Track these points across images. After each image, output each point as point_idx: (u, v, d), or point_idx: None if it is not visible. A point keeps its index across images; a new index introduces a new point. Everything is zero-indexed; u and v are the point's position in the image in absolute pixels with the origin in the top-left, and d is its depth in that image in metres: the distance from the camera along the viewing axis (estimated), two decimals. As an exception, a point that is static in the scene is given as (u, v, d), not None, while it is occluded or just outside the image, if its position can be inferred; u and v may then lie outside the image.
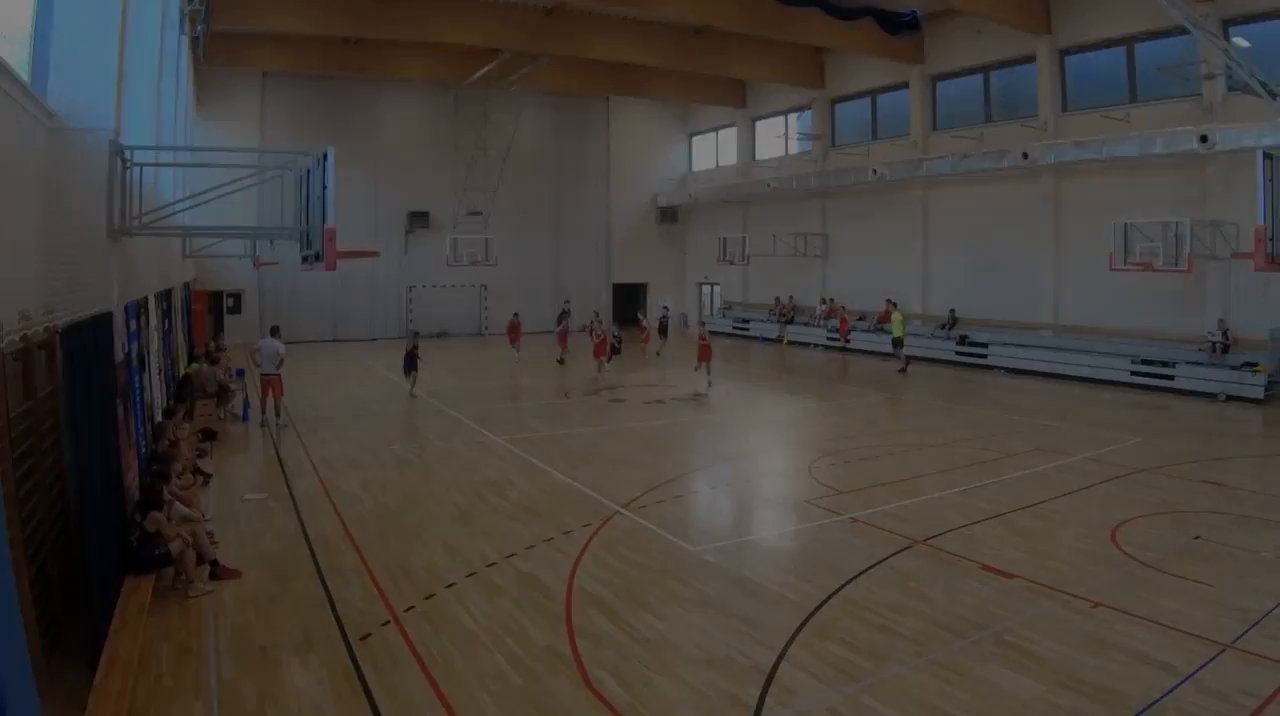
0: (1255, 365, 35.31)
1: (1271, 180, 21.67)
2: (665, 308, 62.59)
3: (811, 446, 27.22)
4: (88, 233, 15.27)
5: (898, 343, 46.15)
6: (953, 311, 49.57)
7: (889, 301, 48.84)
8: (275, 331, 31.47)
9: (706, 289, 74.30)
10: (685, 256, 75.56)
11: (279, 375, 30.02)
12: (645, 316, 54.92)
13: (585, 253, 71.17)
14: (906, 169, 49.66)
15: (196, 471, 21.63)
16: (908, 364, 43.93)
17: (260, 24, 44.46)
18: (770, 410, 33.50)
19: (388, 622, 13.66)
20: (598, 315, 48.15)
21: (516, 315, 50.65)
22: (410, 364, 36.11)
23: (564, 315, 51.04)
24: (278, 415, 29.61)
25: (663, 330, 55.17)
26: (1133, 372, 38.86)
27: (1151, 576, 15.35)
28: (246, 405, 31.28)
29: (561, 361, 46.60)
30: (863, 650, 12.63)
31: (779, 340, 58.44)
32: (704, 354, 39.74)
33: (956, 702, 11.08)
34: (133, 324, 19.12)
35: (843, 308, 55.86)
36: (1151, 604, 14.03)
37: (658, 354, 50.87)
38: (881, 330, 51.63)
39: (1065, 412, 32.49)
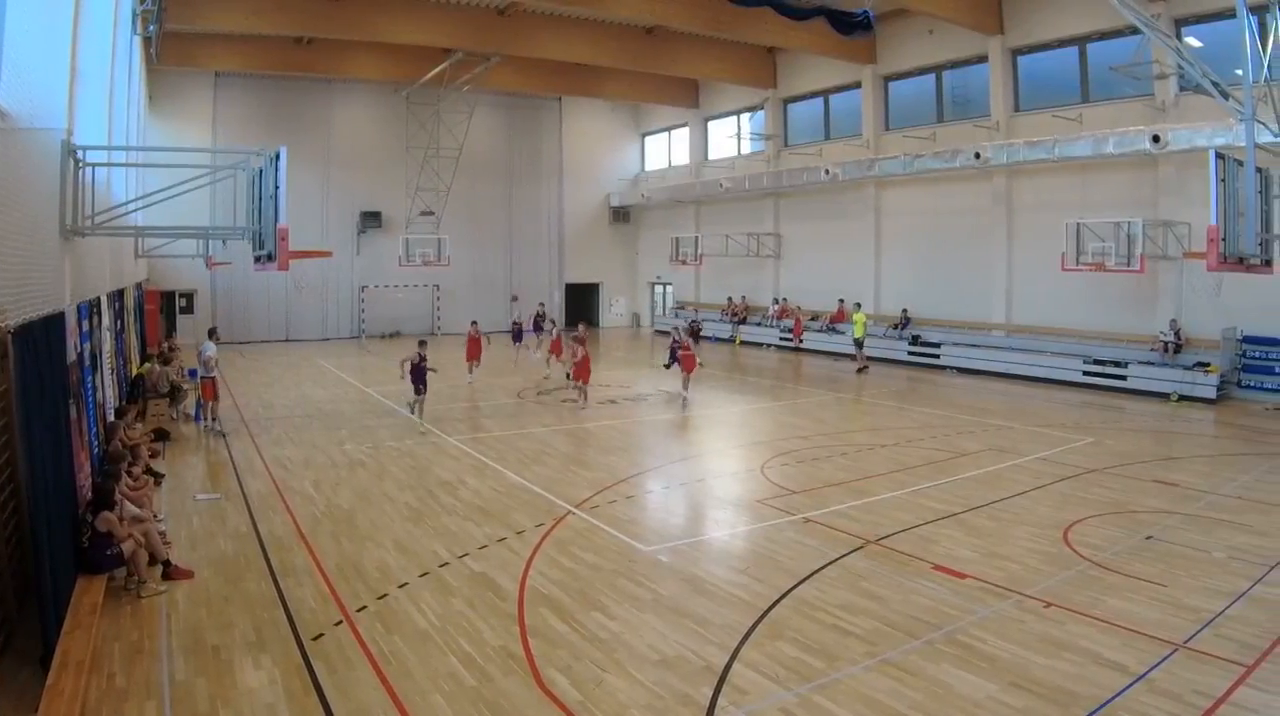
0: (1207, 365, 35.49)
1: (1224, 180, 21.75)
2: (694, 317, 58.84)
3: (764, 446, 27.20)
4: (40, 232, 15.15)
5: (859, 343, 46.20)
6: (905, 311, 49.66)
7: (856, 304, 48.88)
8: (212, 333, 31.06)
9: (659, 289, 74.49)
10: (638, 256, 75.68)
11: (212, 378, 29.07)
12: (681, 332, 40.77)
13: (538, 253, 71.09)
14: (859, 169, 49.71)
15: (149, 471, 21.47)
16: (866, 365, 43.78)
17: (213, 24, 44.22)
18: (723, 410, 33.46)
19: (340, 622, 13.62)
20: (552, 322, 46.92)
21: (475, 325, 41.29)
22: (419, 379, 31.09)
23: (542, 318, 48.91)
24: (213, 419, 29.16)
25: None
26: (1085, 372, 38.98)
27: (1104, 576, 15.39)
28: (198, 404, 31.01)
29: (548, 377, 42.64)
30: (815, 650, 12.65)
31: (731, 340, 58.44)
32: (689, 364, 36.02)
33: (909, 702, 11.11)
34: (85, 324, 19.01)
35: (797, 307, 55.91)
36: (1104, 604, 14.09)
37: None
38: (834, 330, 51.79)
39: (1017, 413, 32.57)
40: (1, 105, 12.12)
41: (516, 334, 48.58)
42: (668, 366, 39.09)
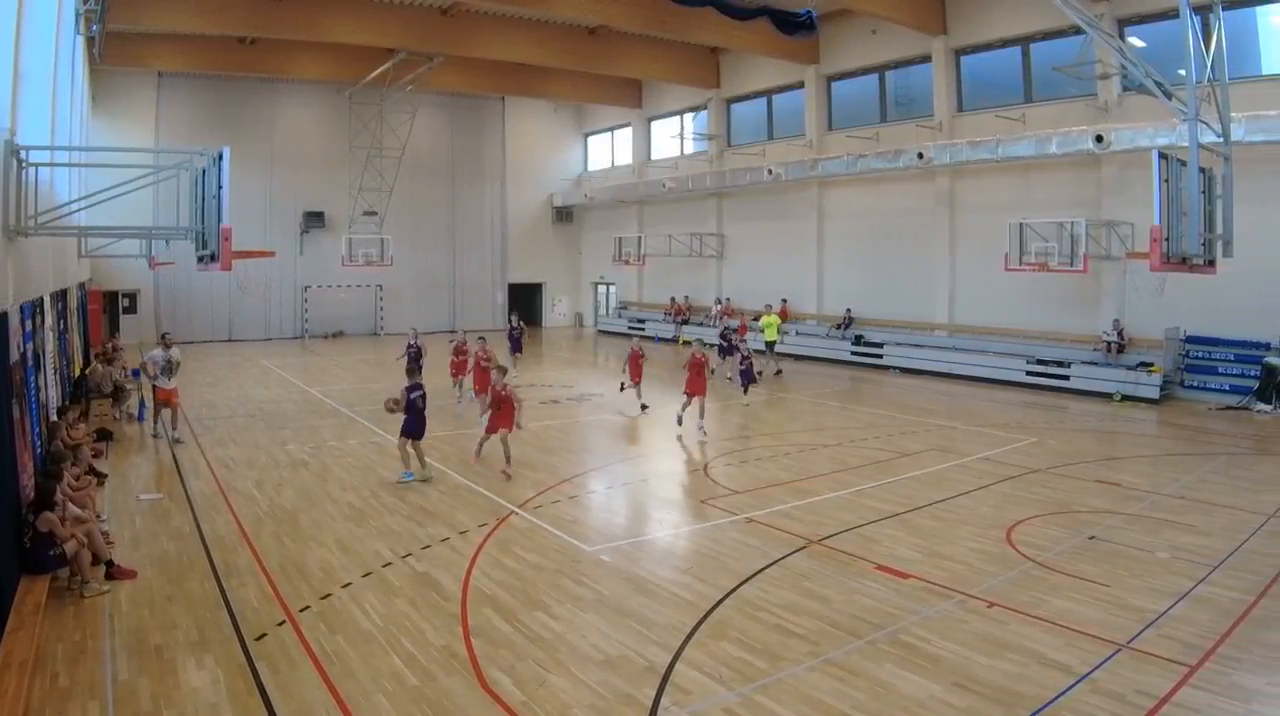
0: (1150, 365, 35.68)
1: (1167, 180, 21.78)
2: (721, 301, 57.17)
3: (708, 446, 27.13)
4: (-17, 233, 15.00)
5: (770, 346, 44.94)
6: (848, 311, 49.83)
7: (767, 306, 48.91)
8: (163, 338, 29.74)
9: (602, 289, 74.54)
10: (581, 256, 75.75)
11: (162, 387, 27.96)
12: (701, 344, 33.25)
13: (481, 253, 71.06)
14: (802, 169, 49.87)
15: (92, 471, 21.30)
16: (780, 369, 43.86)
17: (156, 24, 43.94)
18: (666, 410, 33.36)
19: (283, 622, 13.51)
20: (464, 333, 37.08)
21: (462, 338, 35.45)
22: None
23: (518, 330, 44.44)
24: (161, 426, 28.26)
25: (727, 351, 41.74)
26: (1028, 372, 39.10)
27: (1047, 576, 15.38)
28: (142, 404, 30.82)
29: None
30: (758, 650, 12.61)
31: (675, 340, 58.41)
32: (635, 373, 33.23)
33: (852, 702, 11.09)
34: (28, 324, 18.85)
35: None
36: (1047, 604, 14.08)
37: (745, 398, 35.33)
38: (732, 330, 51.92)
39: (960, 413, 32.64)
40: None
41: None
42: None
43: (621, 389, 33.91)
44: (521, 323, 45.52)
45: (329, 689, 11.43)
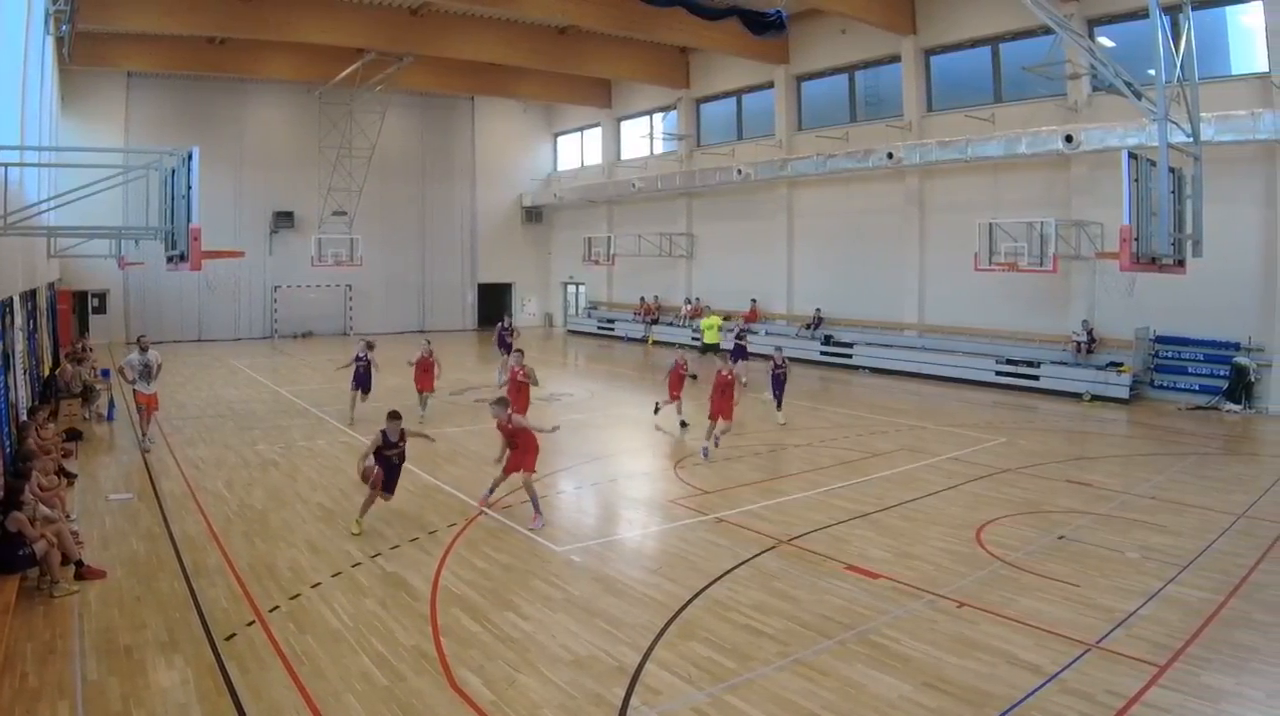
0: (1120, 365, 35.76)
1: (1137, 180, 21.80)
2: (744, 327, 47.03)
3: (677, 446, 27.12)
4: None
5: (708, 349, 43.12)
6: (818, 311, 49.93)
7: (705, 307, 49.08)
8: (138, 341, 28.84)
9: (572, 289, 74.63)
10: (550, 256, 75.78)
11: (142, 392, 27.05)
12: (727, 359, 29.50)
13: (450, 253, 71.10)
14: (771, 169, 49.96)
15: (61, 471, 21.25)
16: (695, 375, 41.96)
17: (125, 24, 43.86)
18: (636, 410, 33.29)
19: (253, 622, 13.48)
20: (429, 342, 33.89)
21: (429, 346, 32.85)
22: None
23: (508, 332, 42.19)
24: (141, 435, 27.39)
25: (741, 354, 38.31)
26: (998, 372, 39.17)
27: (1017, 576, 15.41)
28: (112, 405, 30.80)
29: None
30: (727, 650, 12.62)
31: (644, 340, 58.41)
32: (675, 387, 29.94)
33: (821, 702, 11.10)
34: (-2, 324, 18.82)
35: (708, 308, 55.90)
36: (1016, 604, 14.12)
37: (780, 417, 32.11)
38: (747, 330, 51.88)
39: (930, 412, 32.66)
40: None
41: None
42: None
43: (656, 410, 31.17)
44: (513, 324, 43.96)
45: (298, 689, 11.40)
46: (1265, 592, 14.72)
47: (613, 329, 63.85)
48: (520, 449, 19.22)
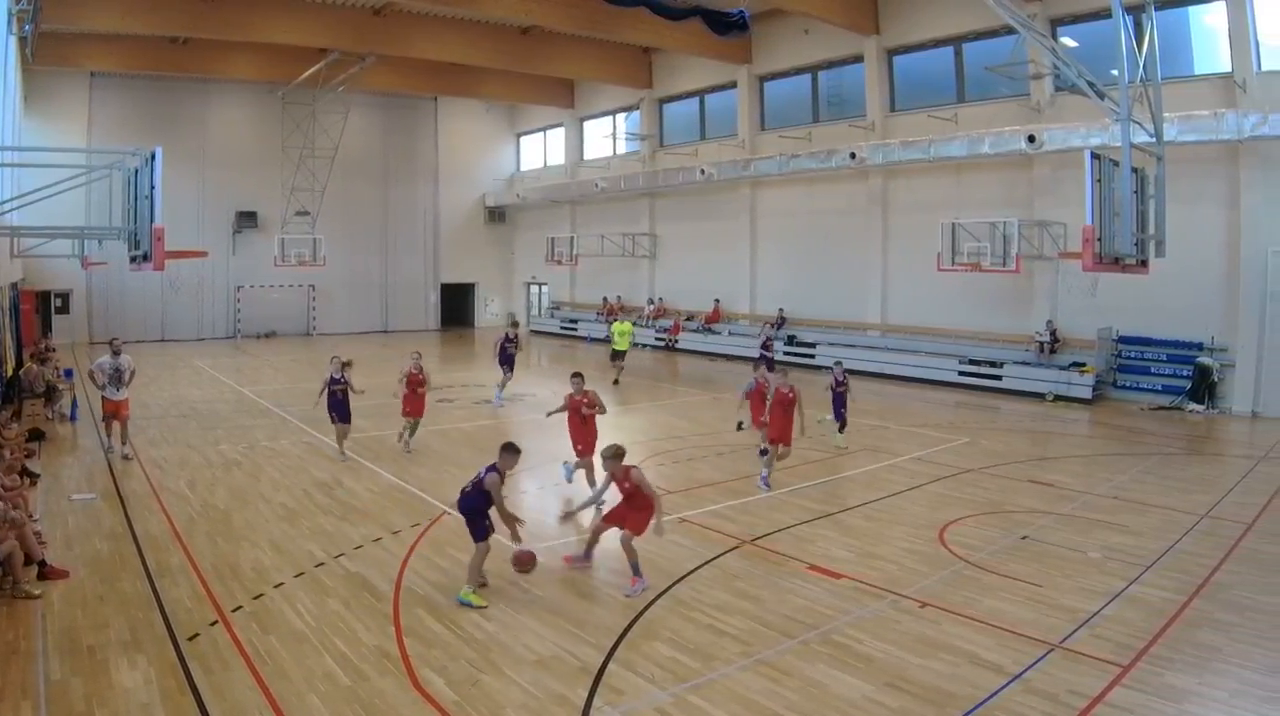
0: (1083, 365, 35.88)
1: (1099, 180, 21.85)
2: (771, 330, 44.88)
3: (640, 446, 26.92)
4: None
5: (619, 356, 41.74)
6: (781, 311, 49.97)
7: (715, 301, 49.10)
8: (111, 343, 27.23)
9: (535, 289, 74.77)
10: (513, 256, 75.87)
11: (110, 399, 25.59)
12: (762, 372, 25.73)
13: (413, 253, 71.07)
14: (734, 169, 50.06)
15: (24, 472, 21.11)
16: (618, 379, 41.42)
17: (88, 24, 43.68)
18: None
19: (216, 623, 13.41)
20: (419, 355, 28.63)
21: (419, 361, 27.14)
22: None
23: (512, 343, 36.68)
24: (110, 441, 26.16)
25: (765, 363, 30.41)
26: (960, 373, 39.26)
27: (979, 576, 15.44)
28: (75, 405, 30.69)
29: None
30: (690, 650, 12.63)
31: (607, 340, 58.41)
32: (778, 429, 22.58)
33: (784, 702, 11.10)
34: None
35: (679, 313, 56.01)
36: (979, 604, 14.16)
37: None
38: (710, 330, 52.02)
39: (893, 412, 32.70)
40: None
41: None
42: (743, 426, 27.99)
43: (740, 427, 28.17)
44: (518, 334, 38.35)
45: (261, 689, 11.35)
46: (1228, 593, 14.78)
47: (575, 329, 63.82)
48: (634, 507, 16.02)
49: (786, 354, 47.36)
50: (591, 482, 20.61)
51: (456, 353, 50.14)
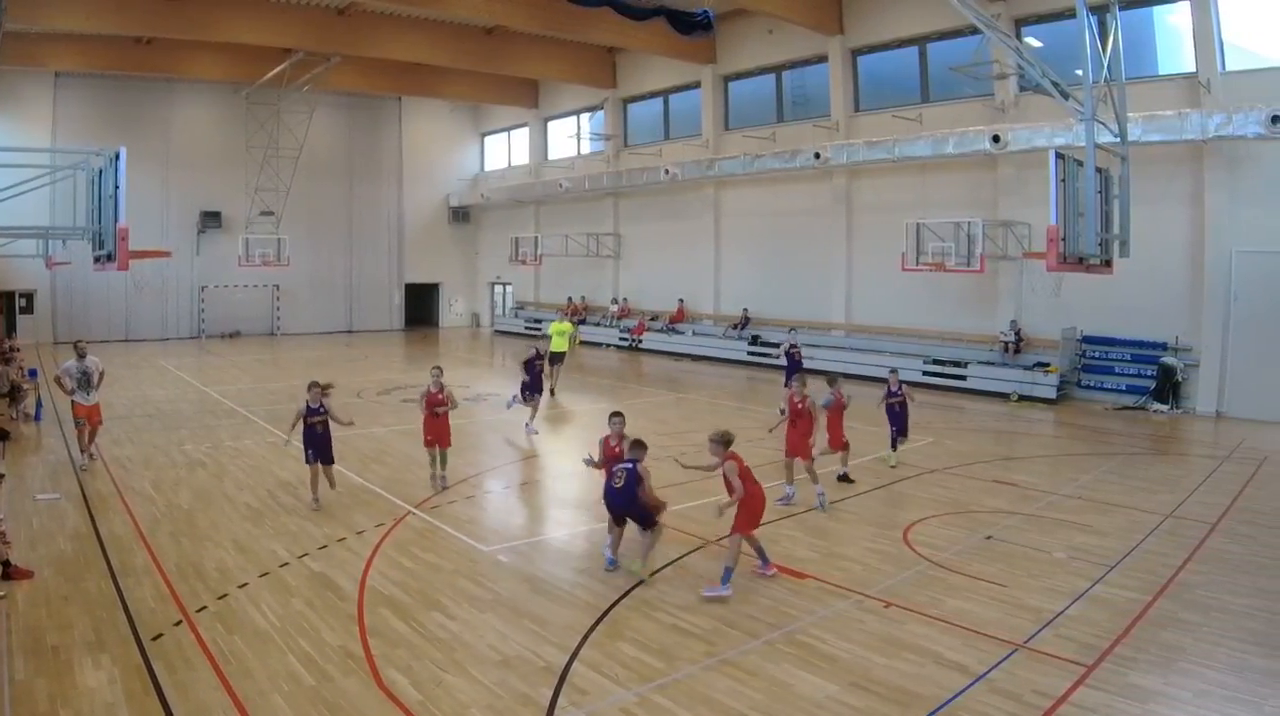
0: (1047, 365, 35.98)
1: (1064, 180, 21.91)
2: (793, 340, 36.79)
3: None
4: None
5: (557, 359, 37.69)
6: (745, 311, 50.15)
7: (679, 301, 49.20)
8: (75, 346, 25.91)
9: (499, 289, 74.91)
10: (478, 256, 76.09)
11: (82, 404, 24.54)
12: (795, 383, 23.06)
13: (378, 253, 71.07)
14: (698, 169, 50.15)
15: (-11, 472, 20.98)
16: (553, 387, 37.33)
17: (52, 24, 43.56)
18: (563, 410, 33.32)
19: (180, 622, 13.37)
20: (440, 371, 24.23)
21: (440, 378, 22.57)
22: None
23: (541, 360, 31.73)
24: (81, 451, 25.08)
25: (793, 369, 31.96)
26: (925, 372, 39.27)
27: (944, 576, 15.48)
28: (39, 405, 30.58)
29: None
30: (655, 650, 12.64)
31: (571, 340, 58.54)
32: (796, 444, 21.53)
33: (749, 702, 11.10)
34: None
35: (643, 313, 56.05)
36: (944, 604, 14.19)
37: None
38: (674, 330, 52.07)
39: (857, 412, 32.40)
40: None
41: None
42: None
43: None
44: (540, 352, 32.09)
45: (226, 689, 11.32)
46: (1193, 593, 14.82)
47: (540, 329, 63.14)
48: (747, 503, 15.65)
49: (750, 354, 47.62)
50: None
51: (421, 352, 50.34)
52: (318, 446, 20.13)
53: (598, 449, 18.28)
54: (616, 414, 18.64)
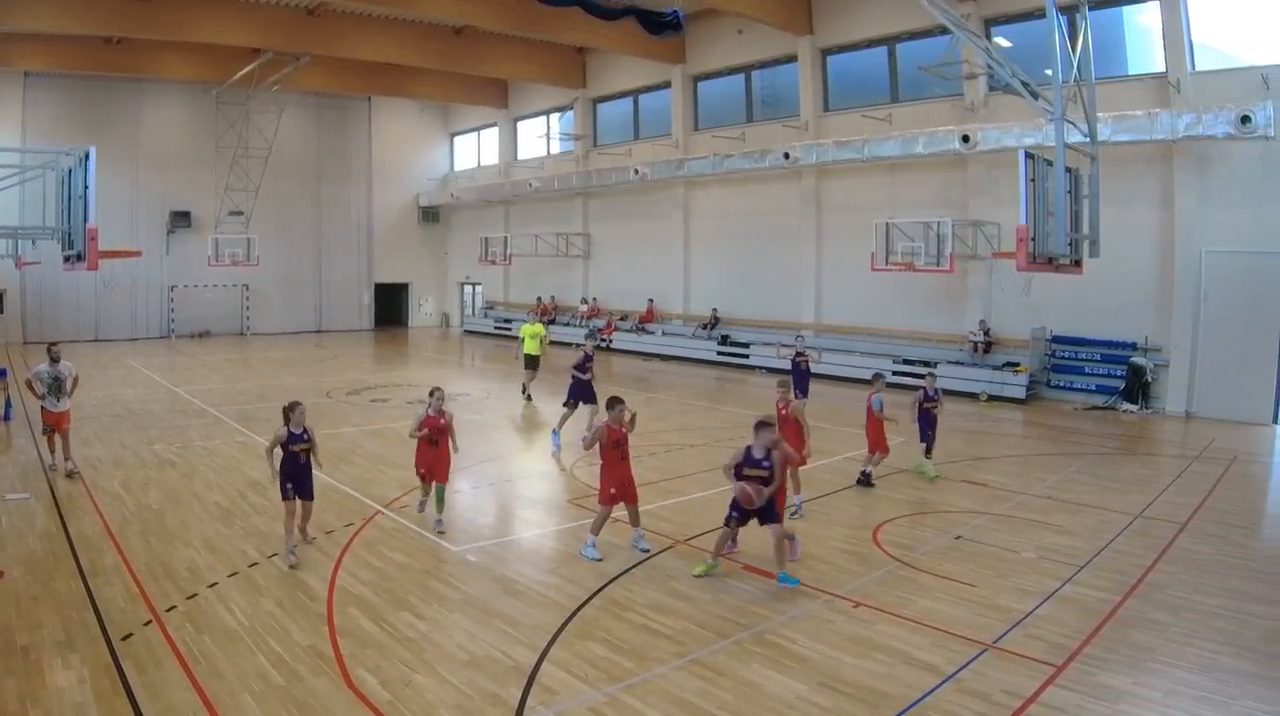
0: (1017, 365, 36.03)
1: (1033, 180, 21.94)
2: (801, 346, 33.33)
3: (573, 446, 26.80)
4: None
5: (532, 362, 35.74)
6: (714, 311, 50.19)
7: (649, 300, 49.29)
8: (49, 350, 24.42)
9: (469, 289, 74.92)
10: (447, 256, 76.09)
11: (50, 411, 23.48)
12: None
13: (347, 252, 71.02)
14: (668, 169, 50.18)
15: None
16: (528, 393, 36.24)
17: (21, 24, 43.48)
18: (532, 409, 33.29)
19: (149, 622, 13.29)
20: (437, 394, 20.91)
21: (441, 402, 18.82)
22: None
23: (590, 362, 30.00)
24: (53, 458, 24.17)
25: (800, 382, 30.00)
26: (894, 372, 38.94)
27: (914, 576, 15.48)
28: (9, 405, 30.41)
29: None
30: (624, 650, 12.61)
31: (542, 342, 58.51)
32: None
33: (718, 702, 11.09)
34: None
35: (612, 313, 56.09)
36: (913, 604, 14.18)
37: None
38: (643, 330, 52.07)
39: (827, 413, 32.61)
40: None
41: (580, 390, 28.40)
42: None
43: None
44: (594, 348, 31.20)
45: (195, 688, 11.26)
46: (1162, 592, 14.85)
47: (509, 329, 63.24)
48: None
49: (720, 354, 47.74)
50: None
51: (391, 353, 50.40)
52: (299, 478, 16.84)
53: (593, 434, 18.18)
54: (617, 400, 17.98)
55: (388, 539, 17.77)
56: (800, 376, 29.92)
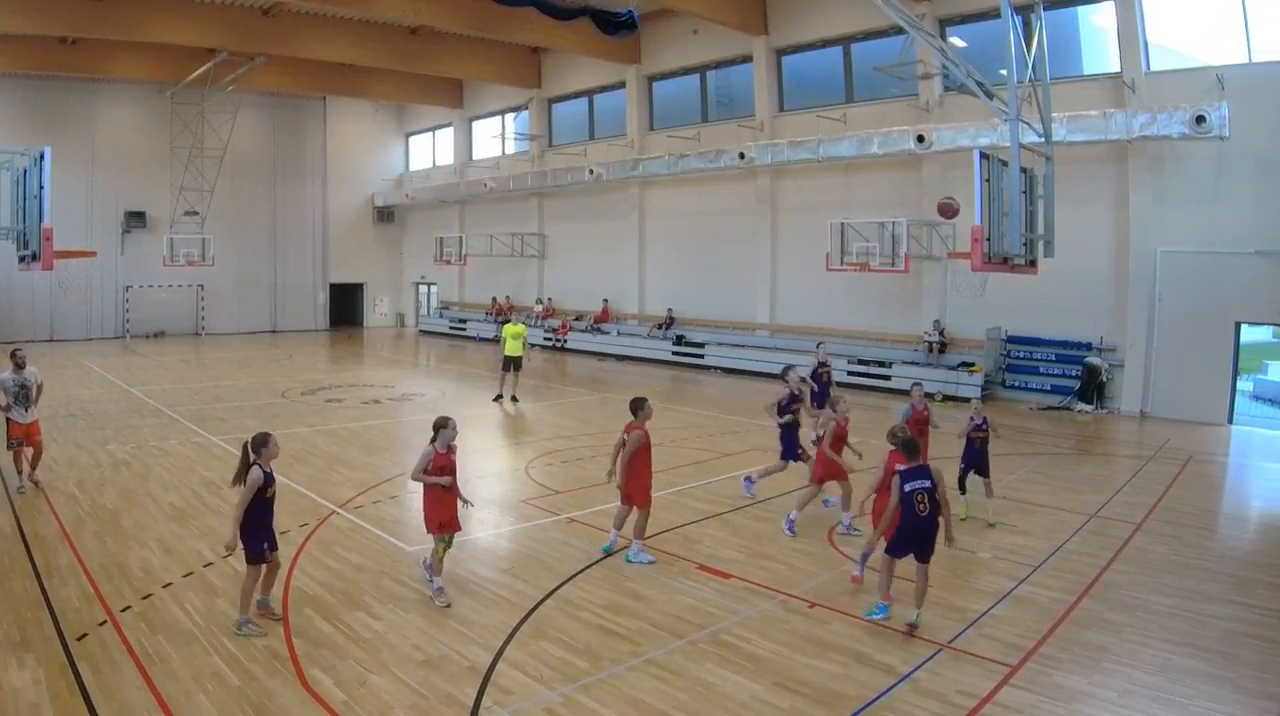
0: (971, 365, 36.13)
1: (988, 180, 21.98)
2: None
3: (528, 446, 27.02)
4: None
5: (512, 364, 35.68)
6: (670, 311, 50.28)
7: (604, 300, 49.36)
8: (13, 356, 22.77)
9: (424, 289, 75.00)
10: (402, 256, 76.11)
11: (17, 422, 22.03)
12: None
13: (302, 253, 70.93)
14: (623, 169, 50.21)
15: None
16: (516, 396, 36.07)
17: (-23, 24, 42.79)
18: (487, 409, 33.23)
19: (105, 622, 13.22)
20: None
21: (453, 432, 16.04)
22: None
23: (824, 366, 29.15)
24: (19, 473, 22.48)
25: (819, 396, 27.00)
26: (850, 372, 39.24)
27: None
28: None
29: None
30: (579, 650, 12.60)
31: (496, 340, 58.31)
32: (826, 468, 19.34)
33: (673, 702, 11.10)
34: None
35: (567, 313, 56.07)
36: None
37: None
38: (599, 330, 52.09)
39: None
40: None
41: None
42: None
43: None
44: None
45: (150, 689, 11.20)
46: (1117, 592, 14.93)
47: (464, 329, 64.01)
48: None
49: (675, 354, 47.87)
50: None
51: (345, 353, 50.37)
52: (271, 529, 13.75)
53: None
54: (643, 399, 18.26)
55: (343, 539, 17.72)
56: (821, 388, 27.24)
